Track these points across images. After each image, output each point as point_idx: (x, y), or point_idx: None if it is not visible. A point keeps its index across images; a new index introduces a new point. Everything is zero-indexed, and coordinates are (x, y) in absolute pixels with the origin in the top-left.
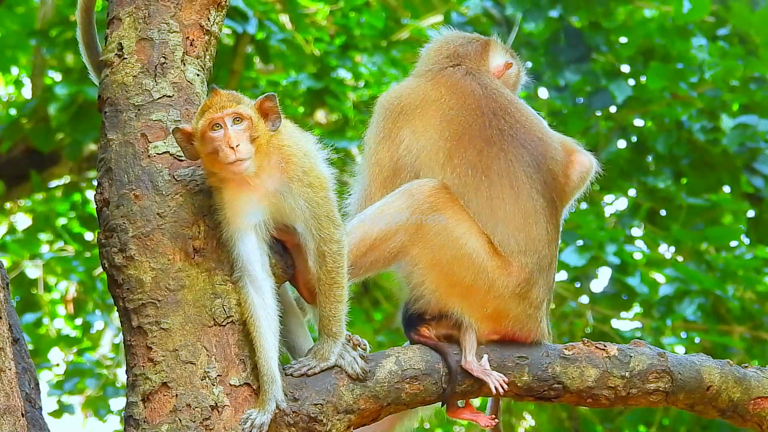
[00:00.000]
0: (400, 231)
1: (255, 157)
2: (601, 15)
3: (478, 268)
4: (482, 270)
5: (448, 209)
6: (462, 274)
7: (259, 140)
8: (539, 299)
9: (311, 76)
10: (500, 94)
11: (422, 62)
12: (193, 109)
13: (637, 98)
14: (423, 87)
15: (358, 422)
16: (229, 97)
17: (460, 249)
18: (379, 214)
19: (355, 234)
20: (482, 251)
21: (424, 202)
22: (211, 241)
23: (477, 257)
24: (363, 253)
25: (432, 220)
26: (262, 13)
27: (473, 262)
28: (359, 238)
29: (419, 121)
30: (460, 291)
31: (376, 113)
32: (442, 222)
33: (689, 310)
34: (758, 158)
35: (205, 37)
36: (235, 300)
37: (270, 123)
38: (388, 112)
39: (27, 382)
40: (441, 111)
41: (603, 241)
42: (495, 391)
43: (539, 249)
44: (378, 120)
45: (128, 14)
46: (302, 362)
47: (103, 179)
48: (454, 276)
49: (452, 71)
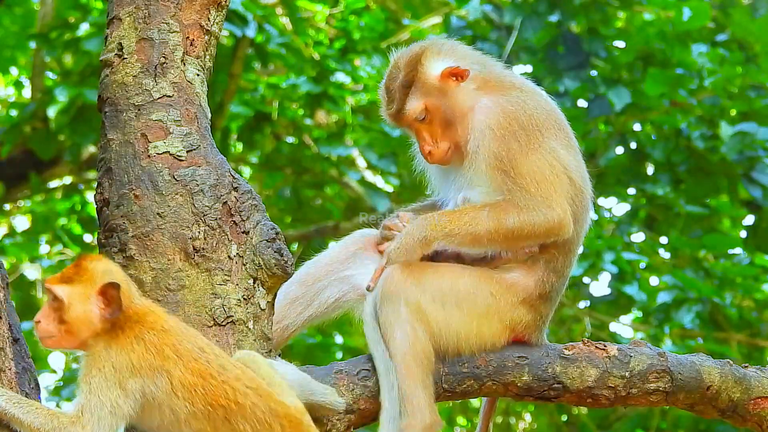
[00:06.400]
0: (414, 326)
1: (70, 338)
2: (599, 21)
3: (484, 294)
4: (490, 294)
5: (424, 275)
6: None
7: (74, 325)
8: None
9: (310, 80)
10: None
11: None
12: (193, 109)
13: (636, 104)
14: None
15: (359, 422)
16: (65, 271)
17: (457, 293)
18: (390, 334)
19: (398, 368)
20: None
21: (404, 288)
22: (211, 241)
23: (478, 288)
24: (416, 369)
25: (421, 294)
26: (261, 17)
27: (477, 294)
28: (403, 366)
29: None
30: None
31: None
32: (428, 288)
33: (687, 318)
34: (756, 167)
35: (205, 37)
36: (235, 300)
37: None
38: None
39: (27, 382)
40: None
41: (601, 249)
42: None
43: (568, 273)
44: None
45: (128, 14)
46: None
47: (103, 179)
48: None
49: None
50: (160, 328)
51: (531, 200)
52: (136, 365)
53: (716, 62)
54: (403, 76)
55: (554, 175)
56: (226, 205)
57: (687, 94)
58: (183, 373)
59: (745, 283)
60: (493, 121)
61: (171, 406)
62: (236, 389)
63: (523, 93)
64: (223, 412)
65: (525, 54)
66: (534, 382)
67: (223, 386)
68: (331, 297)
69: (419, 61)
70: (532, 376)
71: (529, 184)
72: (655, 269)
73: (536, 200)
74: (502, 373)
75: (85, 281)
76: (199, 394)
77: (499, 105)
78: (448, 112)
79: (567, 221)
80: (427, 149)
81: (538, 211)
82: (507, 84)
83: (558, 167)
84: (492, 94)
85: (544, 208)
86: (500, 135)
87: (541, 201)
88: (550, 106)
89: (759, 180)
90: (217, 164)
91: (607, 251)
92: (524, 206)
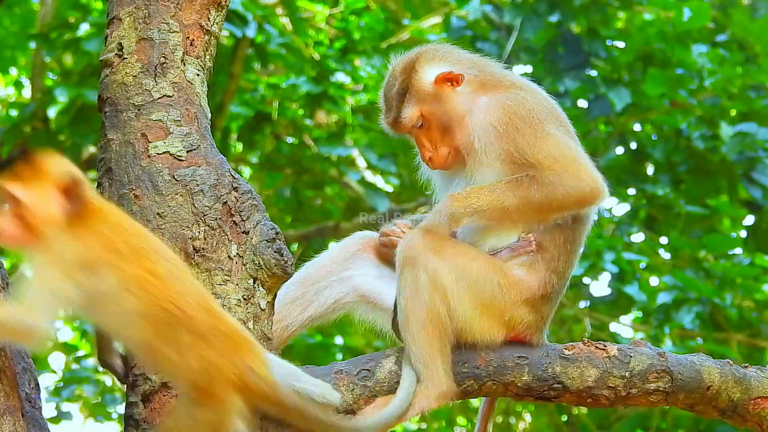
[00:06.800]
0: (432, 295)
1: (30, 236)
2: (599, 22)
3: (493, 284)
4: (498, 285)
5: (445, 248)
6: (479, 296)
7: (35, 224)
8: (549, 313)
9: (310, 80)
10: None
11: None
12: (193, 109)
13: (636, 105)
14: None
15: None
16: (20, 170)
17: (470, 275)
18: (410, 298)
19: (415, 334)
20: (491, 269)
21: (425, 255)
22: (211, 241)
23: (488, 276)
24: (434, 335)
25: (441, 265)
26: (261, 17)
27: (486, 281)
28: (420, 333)
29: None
30: (481, 310)
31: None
32: (447, 261)
33: (687, 318)
34: (756, 167)
35: (205, 37)
36: (235, 300)
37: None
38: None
39: (27, 382)
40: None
41: (601, 249)
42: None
43: (569, 274)
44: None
45: (128, 14)
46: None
47: (103, 179)
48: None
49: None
50: (116, 224)
51: (555, 176)
52: (89, 258)
53: (716, 62)
54: (398, 84)
55: (571, 150)
56: (226, 205)
57: (687, 94)
58: (134, 270)
59: (745, 284)
60: (494, 118)
61: (119, 300)
62: (186, 300)
63: (522, 90)
64: (167, 317)
65: (525, 54)
66: (534, 382)
67: (174, 293)
68: (330, 298)
69: (413, 68)
70: (532, 376)
71: (551, 165)
72: (656, 269)
73: (563, 176)
74: (502, 373)
75: (45, 180)
76: (147, 294)
77: (498, 102)
78: (444, 117)
79: (598, 187)
80: (427, 155)
81: (566, 185)
82: (506, 83)
83: (571, 144)
84: (490, 93)
85: (572, 181)
86: (503, 131)
87: (568, 176)
88: (550, 104)
89: (759, 180)
90: (217, 164)
91: (607, 251)
92: (551, 182)
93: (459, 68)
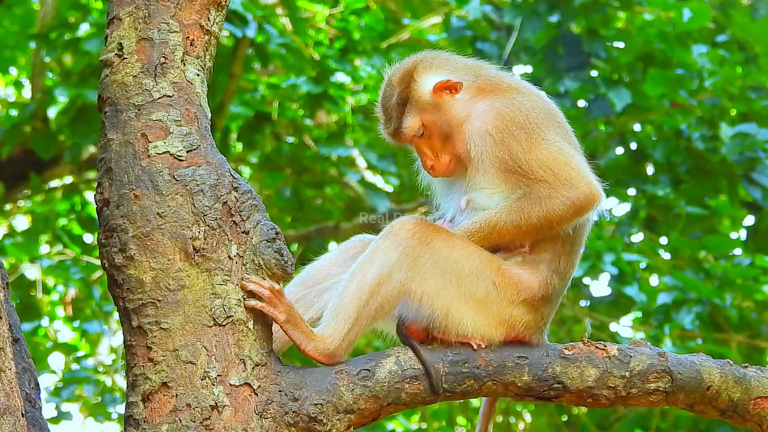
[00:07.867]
0: (394, 271)
1: None
2: (599, 22)
3: (487, 282)
4: (492, 283)
5: (436, 238)
6: (471, 292)
7: None
8: (549, 313)
9: (310, 80)
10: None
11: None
12: (193, 109)
13: (636, 105)
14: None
15: (359, 422)
16: None
17: (461, 271)
18: (369, 260)
19: (350, 286)
20: (487, 267)
21: (411, 238)
22: (211, 241)
23: (482, 273)
24: (364, 302)
25: (423, 252)
26: (261, 17)
27: (480, 279)
28: (355, 289)
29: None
30: (473, 306)
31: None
32: (434, 252)
33: (687, 319)
34: (756, 168)
35: (205, 37)
36: (235, 300)
37: None
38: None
39: (27, 382)
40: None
41: (601, 250)
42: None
43: (570, 275)
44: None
45: (128, 14)
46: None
47: (103, 179)
48: (463, 296)
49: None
50: None
51: (550, 189)
52: None
53: (716, 63)
54: (397, 94)
55: (565, 156)
56: (226, 205)
57: (687, 94)
58: None
59: (745, 284)
60: (490, 125)
61: None
62: None
63: (519, 94)
64: None
65: (525, 54)
66: (534, 382)
67: None
68: (330, 299)
69: (411, 78)
70: (532, 376)
71: (543, 175)
72: (656, 270)
73: (555, 187)
74: (502, 373)
75: None
76: None
77: (494, 108)
78: (444, 125)
79: (593, 192)
80: (429, 164)
81: (560, 197)
82: (503, 87)
83: (566, 150)
84: (487, 98)
85: (565, 191)
86: (499, 139)
87: (560, 185)
88: (549, 106)
89: (759, 181)
90: (217, 164)
91: (607, 252)
92: (546, 196)
93: (457, 76)
